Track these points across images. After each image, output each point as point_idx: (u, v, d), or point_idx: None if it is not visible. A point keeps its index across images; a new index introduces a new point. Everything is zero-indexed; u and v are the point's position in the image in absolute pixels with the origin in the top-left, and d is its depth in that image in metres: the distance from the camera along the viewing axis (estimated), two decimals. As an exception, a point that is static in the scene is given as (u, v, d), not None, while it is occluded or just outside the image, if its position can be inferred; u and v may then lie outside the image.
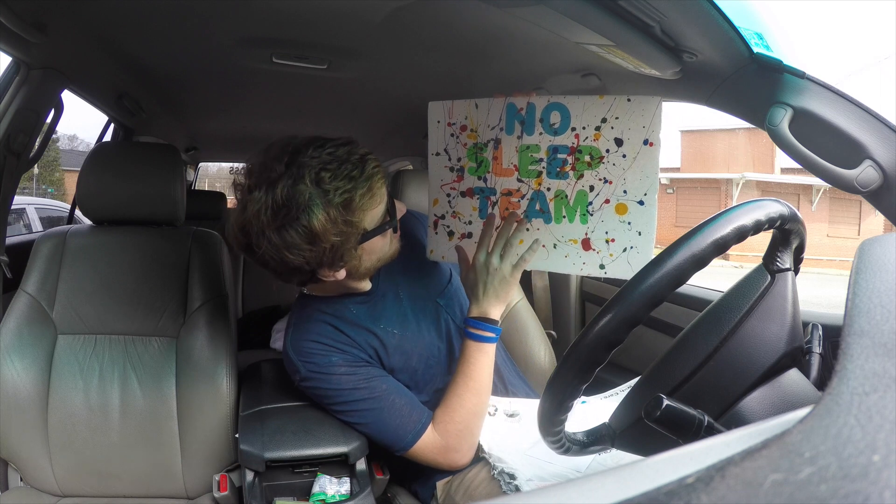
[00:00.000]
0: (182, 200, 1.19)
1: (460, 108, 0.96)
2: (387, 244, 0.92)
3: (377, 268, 0.94)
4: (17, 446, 1.05)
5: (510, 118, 0.91)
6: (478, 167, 0.95)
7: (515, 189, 0.92)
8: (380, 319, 0.98)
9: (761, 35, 0.80)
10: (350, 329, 0.95)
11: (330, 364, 0.93)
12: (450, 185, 0.98)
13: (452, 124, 0.97)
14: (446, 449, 0.93)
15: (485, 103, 0.93)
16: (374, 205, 0.84)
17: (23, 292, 1.11)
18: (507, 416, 1.02)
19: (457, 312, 1.07)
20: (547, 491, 0.23)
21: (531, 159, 0.90)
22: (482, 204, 0.95)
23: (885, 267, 0.31)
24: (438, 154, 0.99)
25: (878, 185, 0.76)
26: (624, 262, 0.86)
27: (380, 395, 0.92)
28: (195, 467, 1.09)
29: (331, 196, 0.79)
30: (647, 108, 0.82)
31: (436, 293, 1.06)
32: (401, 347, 0.98)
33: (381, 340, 0.97)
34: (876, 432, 0.20)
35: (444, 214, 0.99)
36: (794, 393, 0.56)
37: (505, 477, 0.89)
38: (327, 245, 0.81)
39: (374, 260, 0.91)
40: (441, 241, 1.00)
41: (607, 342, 0.55)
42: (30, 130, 1.18)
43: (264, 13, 1.06)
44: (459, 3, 0.95)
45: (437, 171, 0.99)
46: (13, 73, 1.13)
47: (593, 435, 0.69)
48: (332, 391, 0.93)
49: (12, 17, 0.88)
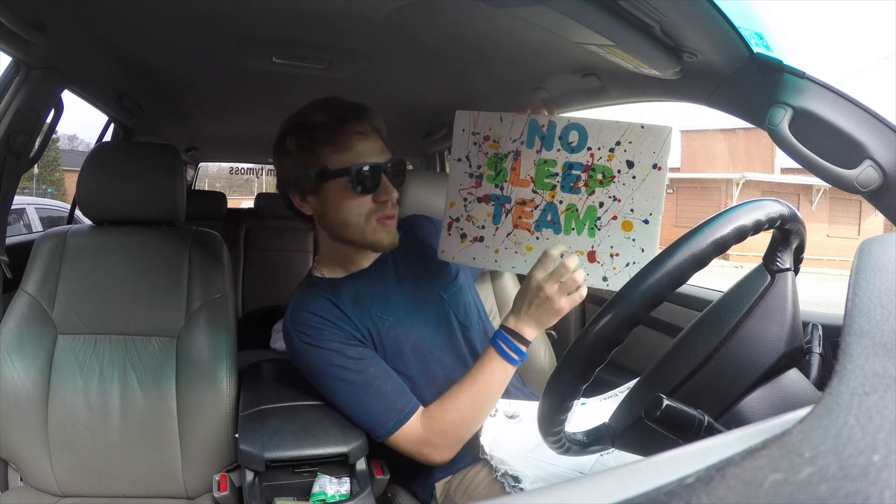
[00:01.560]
0: (182, 200, 1.19)
1: (485, 120, 1.01)
2: (356, 210, 0.95)
3: (355, 234, 0.97)
4: (17, 446, 1.05)
5: (531, 133, 0.96)
6: (496, 176, 1.00)
7: (529, 199, 0.96)
8: (375, 303, 0.99)
9: (761, 35, 0.80)
10: (347, 307, 0.97)
11: (322, 338, 0.94)
12: (467, 190, 1.03)
13: (476, 133, 1.02)
14: (424, 442, 0.92)
15: (509, 117, 0.98)
16: (339, 150, 0.93)
17: (23, 292, 1.11)
18: (508, 418, 1.02)
19: (460, 310, 1.07)
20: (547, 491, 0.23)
21: (547, 173, 0.95)
22: (496, 210, 1.00)
23: (885, 267, 0.31)
24: (460, 160, 1.03)
25: (878, 185, 0.76)
26: (626, 276, 0.88)
27: (367, 378, 0.92)
28: (195, 467, 1.09)
29: (308, 119, 0.94)
30: (659, 136, 0.86)
31: (440, 287, 1.07)
32: (392, 333, 0.98)
33: (374, 323, 0.98)
34: (876, 432, 0.20)
35: (458, 217, 1.03)
36: (794, 393, 0.56)
37: (509, 479, 0.88)
38: (291, 158, 0.95)
39: (343, 215, 0.95)
40: (453, 242, 1.03)
41: (607, 342, 0.55)
42: (30, 130, 1.18)
43: (264, 13, 1.06)
44: (459, 3, 0.95)
45: (456, 175, 1.03)
46: (13, 73, 1.13)
47: (593, 435, 0.69)
48: (321, 366, 0.94)
49: (12, 17, 0.88)
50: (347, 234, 0.97)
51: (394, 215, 0.98)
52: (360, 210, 0.95)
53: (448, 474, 1.00)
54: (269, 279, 2.65)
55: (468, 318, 1.09)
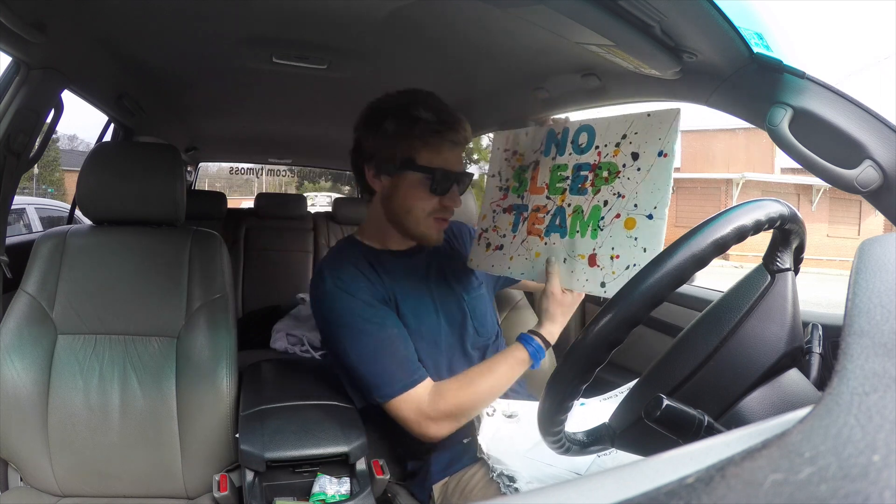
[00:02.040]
0: (182, 200, 1.19)
1: (515, 137, 1.05)
2: (422, 205, 1.00)
3: (411, 224, 1.02)
4: (17, 446, 1.05)
5: (549, 142, 0.98)
6: (519, 186, 1.03)
7: (543, 206, 0.98)
8: (403, 283, 1.04)
9: (761, 35, 0.80)
10: (382, 272, 1.03)
11: (356, 288, 0.98)
12: (496, 203, 1.07)
13: (507, 150, 1.06)
14: (426, 416, 0.93)
15: (532, 131, 1.02)
16: (430, 150, 0.97)
17: (23, 292, 1.11)
18: (506, 417, 1.02)
19: (477, 315, 1.10)
20: (547, 491, 0.23)
21: (559, 178, 0.96)
22: (516, 219, 1.02)
23: (885, 267, 0.31)
24: (493, 176, 1.09)
25: (878, 185, 0.76)
26: (625, 281, 0.87)
27: (387, 336, 0.95)
28: (195, 467, 1.09)
29: (413, 112, 0.97)
30: (665, 120, 0.82)
31: (463, 289, 1.11)
32: (412, 314, 1.03)
33: (399, 299, 1.02)
34: (876, 432, 0.20)
35: (487, 228, 1.08)
36: (794, 393, 0.56)
37: (504, 479, 0.88)
38: (383, 138, 0.98)
39: (408, 204, 1.00)
40: (480, 252, 1.08)
41: (607, 342, 0.55)
42: (30, 130, 1.17)
43: (264, 13, 1.06)
44: (459, 3, 0.95)
45: (490, 190, 1.09)
46: (13, 73, 1.13)
47: (593, 435, 0.69)
48: (347, 314, 0.96)
49: (12, 17, 0.88)
50: (404, 221, 1.02)
51: (448, 219, 1.04)
52: (425, 206, 1.00)
53: (445, 476, 1.00)
54: (269, 279, 2.65)
55: (483, 326, 1.11)
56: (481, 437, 0.97)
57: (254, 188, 13.97)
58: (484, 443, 0.96)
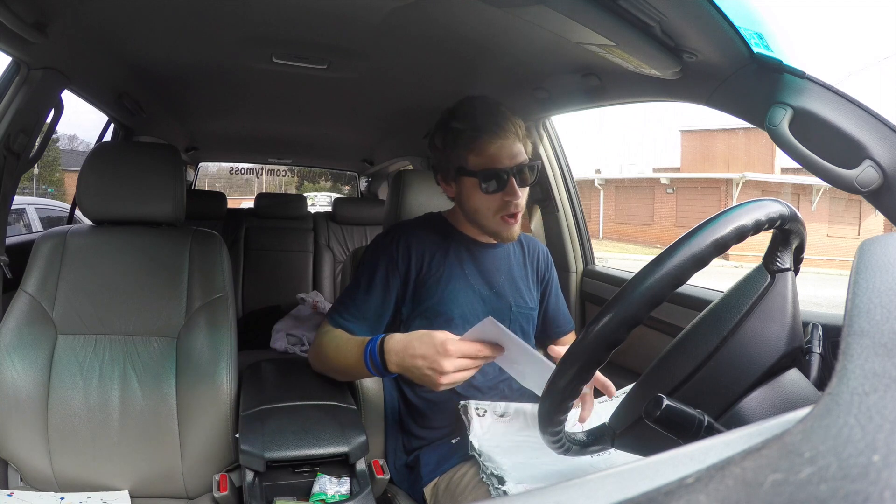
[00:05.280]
0: (182, 200, 1.19)
1: None
2: (485, 203, 1.05)
3: (482, 222, 1.08)
4: (17, 446, 1.05)
5: None
6: None
7: None
8: (469, 268, 1.11)
9: (761, 35, 0.80)
10: (436, 238, 1.12)
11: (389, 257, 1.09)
12: None
13: None
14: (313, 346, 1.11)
15: None
16: (475, 154, 1.03)
17: (23, 292, 1.11)
18: (498, 417, 1.02)
19: (517, 327, 1.13)
20: (546, 491, 0.23)
21: None
22: None
23: (885, 267, 0.31)
24: None
25: (878, 185, 0.76)
26: None
27: (362, 299, 1.07)
28: (195, 467, 1.09)
29: (450, 124, 1.06)
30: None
31: (515, 300, 1.14)
32: (457, 290, 1.09)
33: (430, 270, 1.09)
34: (876, 432, 0.20)
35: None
36: (794, 393, 0.56)
37: (494, 481, 0.88)
38: (438, 151, 1.10)
39: (473, 205, 1.07)
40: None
41: (607, 342, 0.55)
42: (30, 130, 1.18)
43: (264, 13, 1.06)
44: (459, 3, 0.95)
45: None
46: (13, 73, 1.13)
47: (593, 435, 0.69)
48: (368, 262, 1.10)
49: (12, 17, 0.89)
50: (476, 220, 1.09)
51: (516, 214, 1.06)
52: (488, 205, 1.05)
53: (435, 476, 1.01)
54: (269, 279, 2.65)
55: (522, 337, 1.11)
56: (472, 435, 0.97)
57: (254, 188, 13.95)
58: (475, 441, 0.96)
